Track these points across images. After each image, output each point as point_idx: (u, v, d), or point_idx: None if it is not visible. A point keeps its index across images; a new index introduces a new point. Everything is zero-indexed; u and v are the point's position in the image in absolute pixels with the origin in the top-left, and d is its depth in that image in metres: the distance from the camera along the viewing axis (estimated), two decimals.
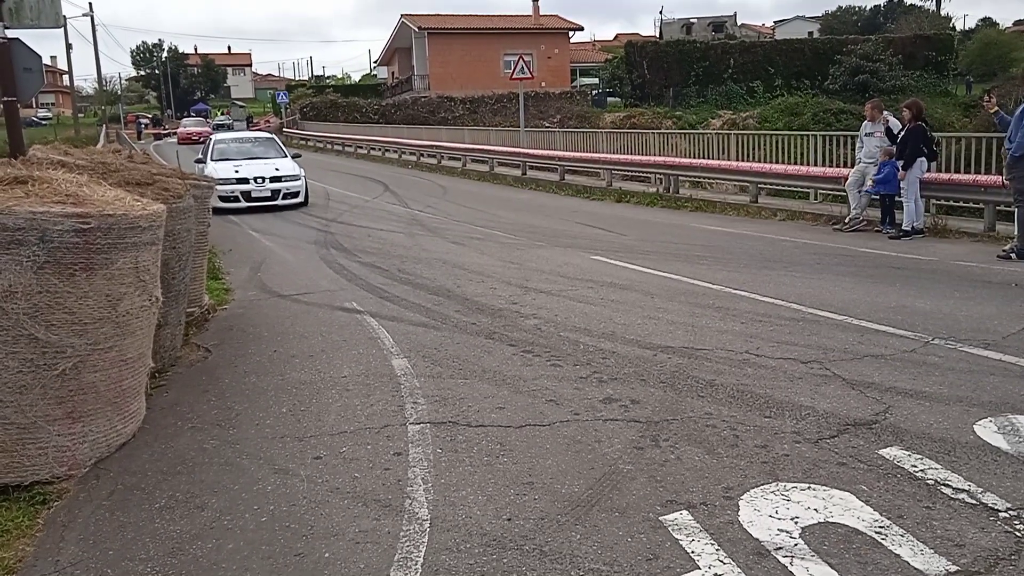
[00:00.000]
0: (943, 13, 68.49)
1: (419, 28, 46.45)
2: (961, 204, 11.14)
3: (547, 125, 34.73)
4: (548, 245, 10.70)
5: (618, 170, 18.10)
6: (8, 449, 3.80)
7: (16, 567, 3.21)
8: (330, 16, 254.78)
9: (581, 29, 51.60)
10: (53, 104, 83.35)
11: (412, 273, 8.95)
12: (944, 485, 3.52)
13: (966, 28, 69.34)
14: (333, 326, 6.81)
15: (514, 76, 23.42)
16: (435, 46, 46.49)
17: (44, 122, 63.37)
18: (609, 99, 47.96)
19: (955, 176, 10.63)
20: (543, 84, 44.20)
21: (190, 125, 52.87)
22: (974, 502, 3.36)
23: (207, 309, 7.24)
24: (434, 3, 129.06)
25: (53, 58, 79.26)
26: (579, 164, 19.64)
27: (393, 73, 58.96)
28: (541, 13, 50.13)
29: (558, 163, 20.19)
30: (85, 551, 3.31)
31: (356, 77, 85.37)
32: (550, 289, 7.87)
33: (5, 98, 8.24)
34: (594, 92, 49.66)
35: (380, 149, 33.90)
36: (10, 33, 8.09)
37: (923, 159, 10.31)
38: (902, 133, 10.54)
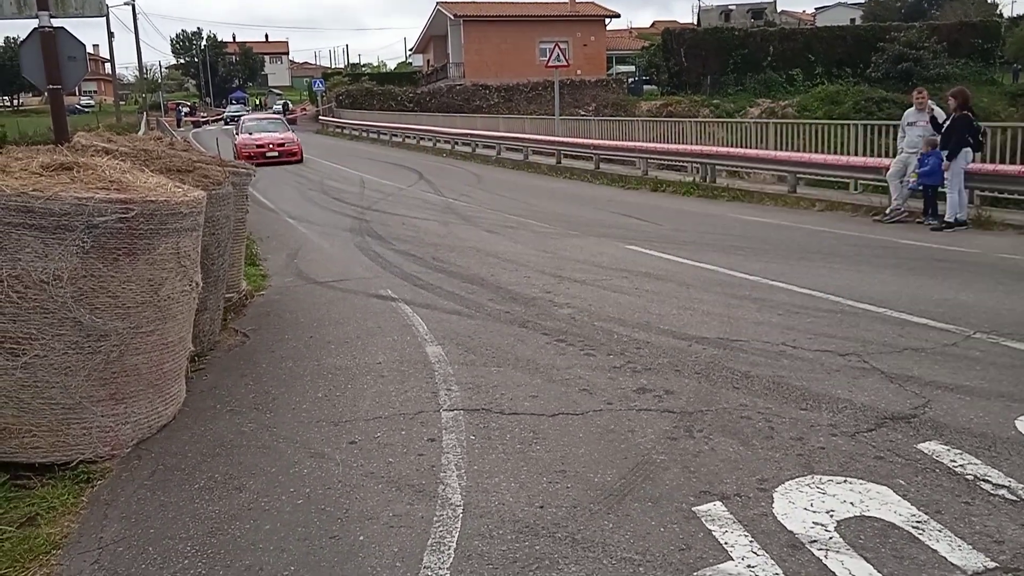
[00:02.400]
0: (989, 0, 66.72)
1: (455, 16, 46.44)
2: (1006, 196, 10.88)
3: (582, 113, 34.57)
4: (582, 234, 10.67)
5: (654, 159, 17.94)
6: (54, 429, 3.90)
7: (62, 543, 3.31)
8: (361, 3, 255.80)
9: (618, 16, 51.22)
10: (95, 92, 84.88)
11: (446, 261, 8.98)
12: (984, 480, 3.46)
13: (1014, 15, 67.42)
14: (368, 313, 6.87)
15: (549, 64, 23.28)
16: (470, 34, 46.45)
17: (87, 109, 64.58)
18: (645, 87, 47.54)
19: (1001, 167, 10.38)
20: (579, 72, 43.93)
21: (257, 130, 26.66)
22: (1015, 498, 3.30)
23: (245, 295, 7.35)
24: None
25: (96, 46, 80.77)
26: (614, 153, 19.52)
27: (428, 61, 59.06)
28: (577, 0, 49.80)
29: (593, 152, 20.08)
30: (127, 529, 3.39)
31: (391, 65, 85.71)
32: (584, 278, 7.85)
33: (50, 86, 8.41)
34: (630, 80, 49.25)
35: (415, 137, 33.99)
36: (55, 22, 8.25)
37: (968, 149, 10.08)
38: (947, 122, 10.31)
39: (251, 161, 18.34)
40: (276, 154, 24.45)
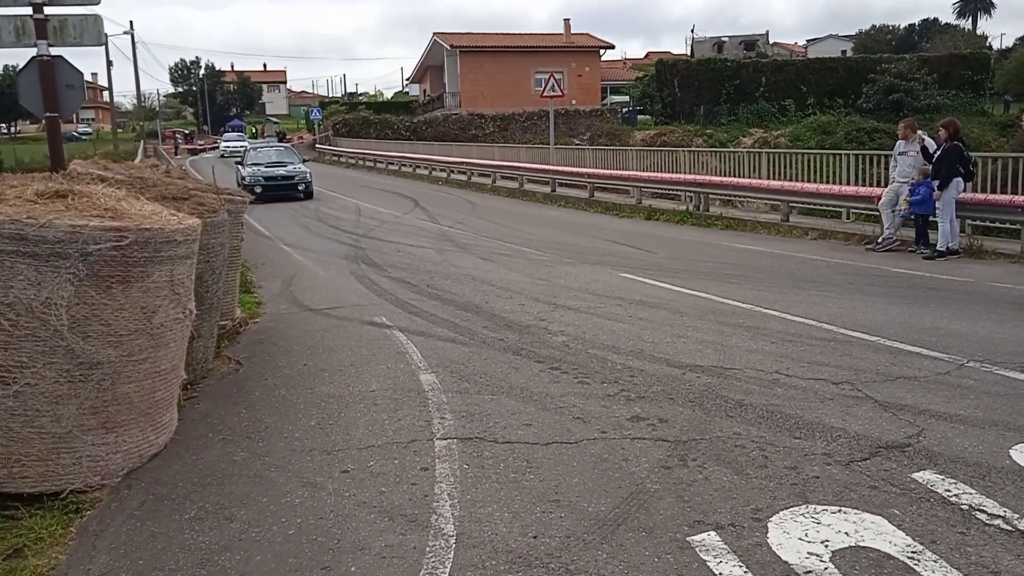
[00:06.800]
0: (979, 32, 67.79)
1: (451, 46, 46.89)
2: (997, 225, 10.96)
3: (577, 143, 34.79)
4: (577, 262, 10.70)
5: (648, 188, 18.05)
6: (44, 458, 3.86)
7: (49, 574, 3.27)
8: (353, 34, 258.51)
9: (612, 47, 51.92)
10: (93, 119, 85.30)
11: (441, 288, 8.99)
12: (979, 511, 3.45)
13: (1003, 47, 68.42)
14: (362, 340, 6.86)
15: (545, 94, 23.49)
16: (467, 64, 46.88)
17: (84, 137, 64.83)
18: (639, 117, 47.94)
19: (991, 196, 10.47)
20: (573, 102, 44.33)
21: None
22: (1010, 528, 3.29)
23: (239, 322, 7.33)
24: (458, 23, 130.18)
25: (94, 75, 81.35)
26: (608, 181, 19.64)
27: (425, 90, 59.53)
28: (572, 31, 50.35)
29: (587, 180, 20.20)
30: (116, 560, 3.35)
31: (388, 94, 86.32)
32: (578, 306, 7.86)
33: (48, 113, 8.45)
34: (624, 110, 49.69)
35: (411, 165, 34.17)
36: (54, 51, 8.30)
37: (959, 179, 10.17)
38: (938, 152, 10.42)
39: None
40: None
